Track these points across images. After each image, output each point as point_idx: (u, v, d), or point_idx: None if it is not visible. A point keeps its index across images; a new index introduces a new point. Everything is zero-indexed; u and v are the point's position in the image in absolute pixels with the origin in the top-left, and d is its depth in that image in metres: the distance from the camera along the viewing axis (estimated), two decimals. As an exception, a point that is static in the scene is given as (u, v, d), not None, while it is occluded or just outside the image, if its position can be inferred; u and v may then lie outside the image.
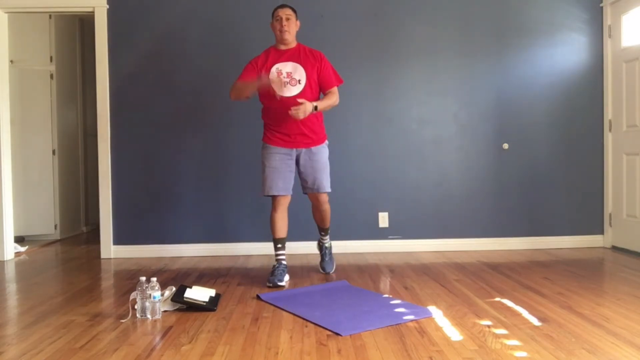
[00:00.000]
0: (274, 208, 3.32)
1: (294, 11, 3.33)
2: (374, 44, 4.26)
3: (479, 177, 4.30)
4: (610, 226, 4.30)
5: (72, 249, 4.66)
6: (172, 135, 4.22)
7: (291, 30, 3.28)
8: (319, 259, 3.67)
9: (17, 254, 4.38)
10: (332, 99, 3.30)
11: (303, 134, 3.28)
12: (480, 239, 4.29)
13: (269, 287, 3.14)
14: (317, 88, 3.31)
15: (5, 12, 4.22)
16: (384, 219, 4.28)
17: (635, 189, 4.02)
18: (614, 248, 4.26)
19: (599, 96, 4.34)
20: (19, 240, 4.87)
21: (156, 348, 2.12)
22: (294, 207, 3.87)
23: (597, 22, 4.32)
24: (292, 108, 3.08)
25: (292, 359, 1.99)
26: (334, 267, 3.60)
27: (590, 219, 4.35)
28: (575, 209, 4.34)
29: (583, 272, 3.41)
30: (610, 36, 4.26)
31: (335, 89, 3.34)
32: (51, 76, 5.17)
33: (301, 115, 3.09)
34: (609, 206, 4.31)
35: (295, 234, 4.06)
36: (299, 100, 3.11)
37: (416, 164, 4.29)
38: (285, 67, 3.25)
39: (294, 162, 3.32)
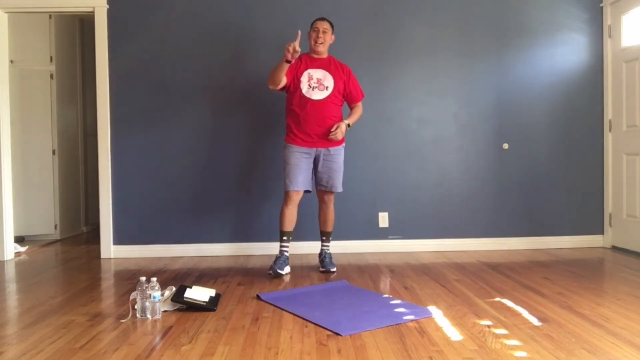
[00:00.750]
0: (285, 203, 3.53)
1: (332, 25, 3.63)
2: (374, 44, 4.26)
3: (479, 177, 4.30)
4: (610, 226, 4.30)
5: (72, 249, 4.66)
6: (172, 135, 4.22)
7: (326, 42, 3.56)
8: (319, 261, 3.70)
9: (17, 254, 4.38)
10: (358, 112, 3.70)
11: (323, 135, 3.50)
12: (480, 239, 4.29)
13: (270, 275, 3.40)
14: (340, 97, 3.60)
15: (5, 12, 4.22)
16: (384, 219, 4.28)
17: (635, 189, 4.02)
18: (614, 248, 4.26)
19: (599, 96, 4.34)
20: (19, 240, 4.87)
21: (156, 348, 2.12)
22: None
23: (597, 22, 4.33)
24: (330, 133, 3.45)
25: (292, 359, 1.99)
26: (335, 267, 3.61)
27: (590, 219, 4.35)
28: (575, 209, 4.34)
29: (583, 272, 3.41)
30: (610, 36, 4.27)
31: (360, 104, 3.72)
32: (51, 76, 5.17)
33: (340, 136, 3.47)
34: (609, 206, 4.31)
35: (296, 234, 4.06)
36: (333, 128, 3.45)
37: (416, 164, 4.29)
38: (316, 74, 3.53)
39: (312, 160, 3.55)
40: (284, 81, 3.47)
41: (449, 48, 4.28)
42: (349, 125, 3.56)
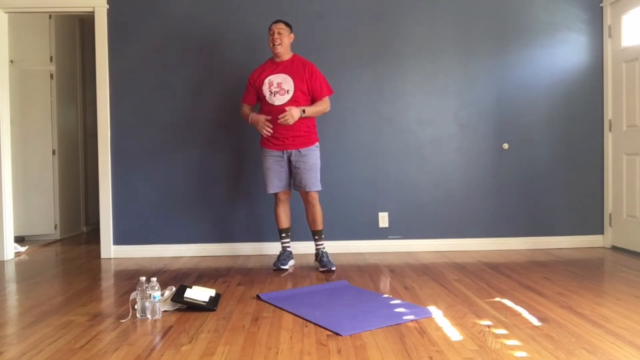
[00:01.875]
0: (276, 203, 3.74)
1: (287, 25, 3.64)
2: (374, 44, 4.26)
3: (479, 177, 4.30)
4: (610, 226, 4.30)
5: (72, 249, 4.66)
6: (172, 135, 4.22)
7: (283, 43, 3.58)
8: (317, 262, 3.70)
9: (17, 254, 4.38)
10: (322, 105, 3.63)
11: (292, 137, 3.57)
12: (480, 239, 4.29)
13: (274, 270, 3.60)
14: (305, 97, 3.60)
15: (5, 12, 4.22)
16: (384, 219, 4.28)
17: (635, 189, 4.02)
18: (614, 248, 4.26)
19: (599, 96, 4.34)
20: (19, 240, 4.88)
21: (156, 348, 2.12)
22: (294, 209, 3.88)
23: (597, 22, 4.32)
24: (279, 117, 3.47)
25: (292, 359, 1.99)
26: (334, 265, 3.61)
27: (590, 219, 4.35)
28: (575, 209, 4.34)
29: (583, 272, 3.41)
30: (610, 36, 4.26)
31: (326, 99, 3.65)
32: (51, 76, 5.17)
33: (290, 121, 3.46)
34: (609, 206, 4.31)
35: (295, 235, 4.07)
36: (286, 108, 3.47)
37: (416, 164, 4.29)
38: (277, 79, 3.58)
39: (285, 162, 3.63)
40: (251, 108, 3.74)
41: (449, 48, 4.28)
42: (304, 111, 3.50)
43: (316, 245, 3.71)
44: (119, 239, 4.22)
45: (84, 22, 5.72)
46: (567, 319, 2.42)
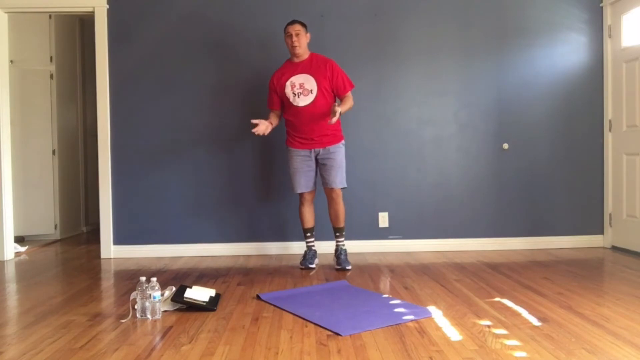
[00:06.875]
0: (301, 203, 3.76)
1: (303, 25, 3.64)
2: (374, 44, 4.26)
3: (479, 177, 4.30)
4: (610, 226, 4.30)
5: (72, 249, 4.66)
6: (172, 135, 4.22)
7: (302, 44, 3.60)
8: (335, 258, 3.74)
9: (17, 254, 4.38)
10: (349, 103, 3.65)
11: (319, 136, 3.62)
12: (480, 239, 4.29)
13: (301, 269, 3.64)
14: (329, 95, 3.62)
15: (5, 12, 4.22)
16: (384, 219, 4.28)
17: (635, 189, 4.02)
18: (614, 248, 4.25)
19: (599, 96, 4.34)
20: (19, 240, 4.87)
21: (156, 348, 2.12)
22: (294, 209, 3.88)
23: (597, 22, 4.32)
24: (331, 118, 3.41)
25: (292, 359, 1.99)
26: (350, 265, 3.68)
27: (590, 219, 4.35)
28: (575, 209, 4.34)
29: (583, 272, 3.41)
30: (610, 36, 4.26)
31: (349, 94, 3.68)
32: (51, 76, 5.17)
33: (335, 119, 3.41)
34: (609, 206, 4.31)
35: (296, 235, 4.07)
36: (335, 106, 3.41)
37: (416, 164, 4.29)
38: (298, 79, 3.60)
39: (313, 161, 3.68)
40: (278, 113, 3.74)
41: (449, 48, 4.28)
42: (340, 112, 3.45)
43: (337, 242, 3.77)
44: (119, 239, 4.22)
45: (84, 22, 5.72)
46: (567, 319, 2.42)
